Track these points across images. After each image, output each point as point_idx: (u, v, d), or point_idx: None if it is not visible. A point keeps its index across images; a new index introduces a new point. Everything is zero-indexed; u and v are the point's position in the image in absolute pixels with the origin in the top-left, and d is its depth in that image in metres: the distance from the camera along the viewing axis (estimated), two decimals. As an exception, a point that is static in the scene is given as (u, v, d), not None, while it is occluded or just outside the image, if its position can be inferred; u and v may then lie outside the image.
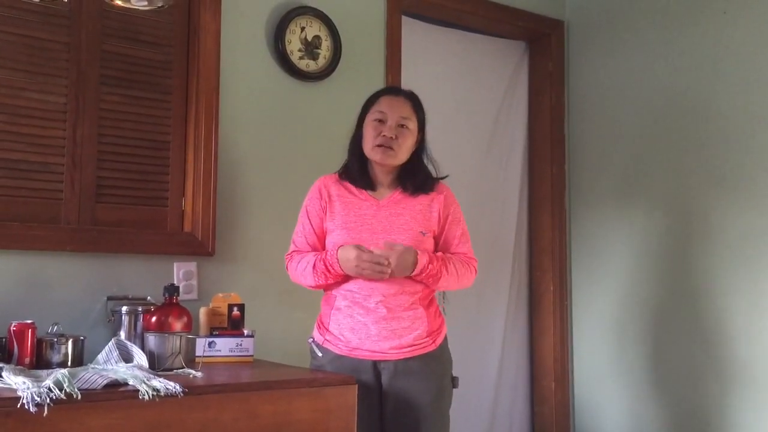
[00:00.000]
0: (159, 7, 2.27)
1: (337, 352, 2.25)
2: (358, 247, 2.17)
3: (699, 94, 3.19)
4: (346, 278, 2.24)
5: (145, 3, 2.19)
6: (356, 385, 2.09)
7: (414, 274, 2.20)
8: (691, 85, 3.23)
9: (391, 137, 2.25)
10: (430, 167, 2.38)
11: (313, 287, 2.31)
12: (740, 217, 3.02)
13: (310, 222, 2.33)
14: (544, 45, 3.75)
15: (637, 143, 3.42)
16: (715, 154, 3.12)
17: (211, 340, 2.36)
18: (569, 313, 3.66)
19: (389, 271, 2.15)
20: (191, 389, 1.83)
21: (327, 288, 2.30)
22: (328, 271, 2.21)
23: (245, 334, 2.40)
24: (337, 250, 2.20)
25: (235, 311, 2.43)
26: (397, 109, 2.29)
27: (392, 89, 2.45)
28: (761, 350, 2.93)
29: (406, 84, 3.02)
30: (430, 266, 2.21)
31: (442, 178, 2.39)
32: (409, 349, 2.23)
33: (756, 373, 2.94)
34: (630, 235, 3.42)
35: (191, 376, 2.01)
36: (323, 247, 2.32)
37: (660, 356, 3.27)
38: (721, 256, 3.07)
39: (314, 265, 2.23)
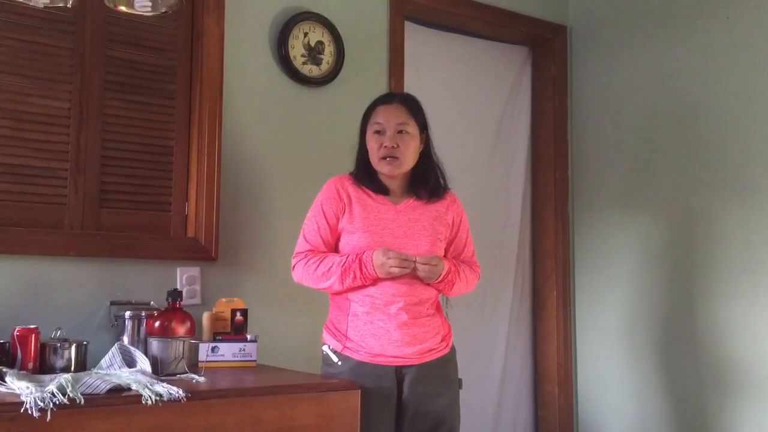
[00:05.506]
0: (163, 13, 2.27)
1: (359, 358, 2.23)
2: (386, 251, 2.18)
3: (702, 99, 3.19)
4: (372, 283, 2.22)
5: (149, 9, 2.19)
6: (359, 390, 2.09)
7: (438, 281, 2.24)
8: (694, 90, 3.23)
9: (393, 146, 2.25)
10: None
11: (327, 289, 2.28)
12: (744, 222, 3.01)
13: (326, 220, 2.28)
14: (547, 50, 3.75)
15: (640, 148, 3.42)
16: (718, 159, 3.12)
17: (214, 345, 2.37)
18: (572, 318, 3.66)
19: (413, 265, 2.17)
20: (194, 394, 1.83)
21: (341, 292, 2.26)
22: (362, 271, 2.18)
23: (248, 339, 2.41)
24: (373, 254, 2.18)
25: (239, 316, 2.43)
26: (393, 117, 2.28)
27: (386, 97, 2.40)
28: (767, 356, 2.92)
29: (408, 89, 3.01)
30: (449, 274, 2.25)
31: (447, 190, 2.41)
32: (429, 353, 2.26)
33: (762, 379, 2.93)
34: (633, 240, 3.41)
35: (194, 381, 2.01)
36: (335, 247, 2.30)
37: (664, 361, 3.26)
38: (725, 261, 3.06)
39: (344, 264, 2.19)
